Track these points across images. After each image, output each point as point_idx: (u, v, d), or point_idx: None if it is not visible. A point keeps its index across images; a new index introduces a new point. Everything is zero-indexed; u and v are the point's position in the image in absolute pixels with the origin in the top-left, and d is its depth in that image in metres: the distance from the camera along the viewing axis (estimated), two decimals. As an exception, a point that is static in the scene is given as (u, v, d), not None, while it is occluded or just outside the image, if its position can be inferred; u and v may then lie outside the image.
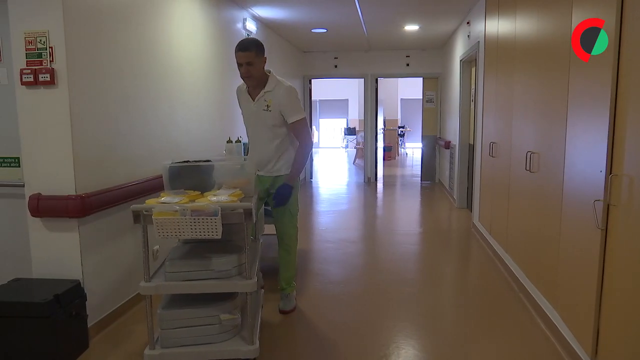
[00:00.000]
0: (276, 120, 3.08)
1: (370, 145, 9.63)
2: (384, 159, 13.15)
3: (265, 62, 3.04)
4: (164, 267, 2.57)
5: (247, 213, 2.39)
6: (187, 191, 2.55)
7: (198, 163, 2.70)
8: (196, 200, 2.44)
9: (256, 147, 3.22)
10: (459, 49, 6.91)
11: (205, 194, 2.54)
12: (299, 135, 3.13)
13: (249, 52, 2.91)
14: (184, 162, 2.70)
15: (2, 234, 3.25)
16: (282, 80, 3.10)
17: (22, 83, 2.72)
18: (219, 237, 2.32)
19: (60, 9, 2.64)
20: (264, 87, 3.06)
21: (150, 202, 2.42)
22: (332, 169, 12.35)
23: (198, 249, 2.66)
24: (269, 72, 3.11)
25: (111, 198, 3.01)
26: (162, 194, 2.50)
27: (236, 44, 2.98)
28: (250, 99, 3.13)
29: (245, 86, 3.17)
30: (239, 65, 2.96)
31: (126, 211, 2.88)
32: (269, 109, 3.05)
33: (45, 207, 2.76)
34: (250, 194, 2.68)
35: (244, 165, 2.86)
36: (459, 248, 5.11)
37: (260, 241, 3.22)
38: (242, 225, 2.48)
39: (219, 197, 2.44)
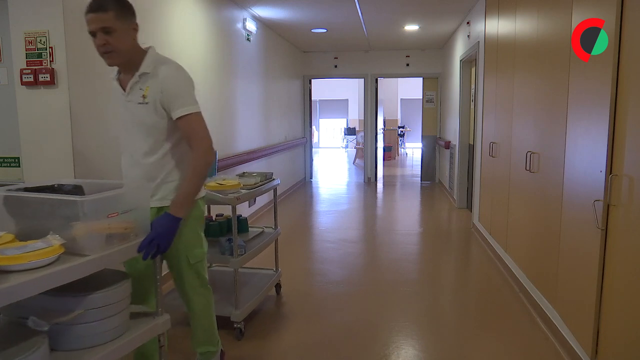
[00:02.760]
0: (156, 117, 2.02)
1: (370, 145, 9.63)
2: (384, 159, 13.15)
3: (136, 31, 2.02)
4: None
5: None
6: (6, 235, 1.62)
7: (19, 194, 1.75)
8: None
9: (129, 162, 2.14)
10: (459, 49, 6.91)
11: (18, 242, 1.59)
12: (191, 138, 2.04)
13: (104, 13, 1.88)
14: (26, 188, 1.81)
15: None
16: (166, 59, 2.10)
17: (22, 83, 2.72)
18: None
19: (60, 9, 2.64)
20: (138, 69, 2.03)
21: None
22: (332, 169, 12.35)
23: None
24: (149, 48, 2.09)
25: (111, 198, 2.99)
26: None
27: None
28: (122, 90, 2.09)
29: (117, 73, 2.14)
30: (92, 34, 1.94)
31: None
32: (145, 99, 2.01)
33: (45, 207, 2.74)
34: (83, 249, 1.61)
35: (79, 203, 1.61)
36: (459, 248, 5.11)
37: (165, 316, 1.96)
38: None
39: None
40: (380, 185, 9.40)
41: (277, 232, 3.57)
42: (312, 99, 10.03)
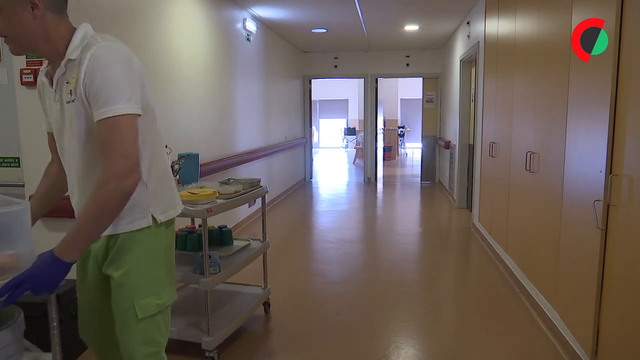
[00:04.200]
0: (90, 119, 1.45)
1: (370, 145, 9.63)
2: (384, 159, 13.15)
3: (37, 6, 1.38)
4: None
5: None
6: None
7: None
8: None
9: (70, 180, 1.64)
10: (459, 49, 6.91)
11: None
12: (104, 150, 1.39)
13: None
14: None
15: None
16: (99, 38, 1.46)
17: (22, 83, 2.72)
18: None
19: (60, 9, 2.64)
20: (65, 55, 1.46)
21: None
22: (332, 169, 12.35)
23: None
24: (80, 26, 1.51)
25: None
26: None
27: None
28: (51, 85, 1.54)
29: (47, 65, 1.58)
30: None
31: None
32: (72, 96, 1.45)
33: (45, 207, 2.71)
34: None
35: None
36: (459, 248, 5.11)
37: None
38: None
39: None
40: (380, 185, 9.40)
41: (265, 245, 3.19)
42: (312, 99, 10.03)
